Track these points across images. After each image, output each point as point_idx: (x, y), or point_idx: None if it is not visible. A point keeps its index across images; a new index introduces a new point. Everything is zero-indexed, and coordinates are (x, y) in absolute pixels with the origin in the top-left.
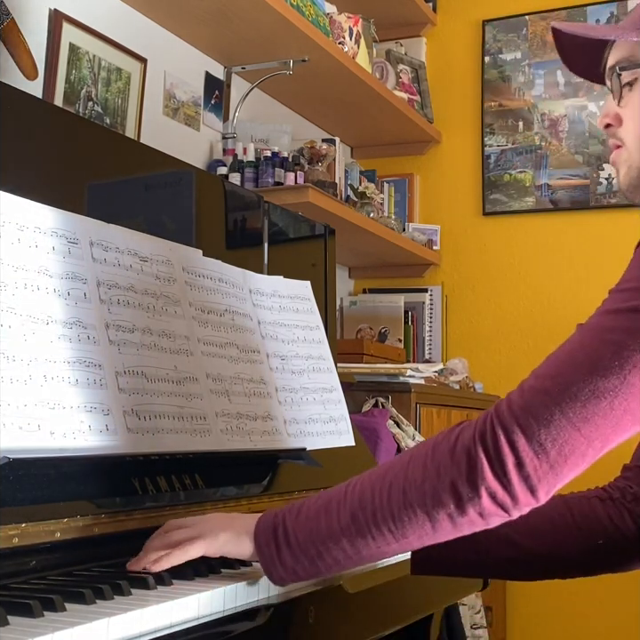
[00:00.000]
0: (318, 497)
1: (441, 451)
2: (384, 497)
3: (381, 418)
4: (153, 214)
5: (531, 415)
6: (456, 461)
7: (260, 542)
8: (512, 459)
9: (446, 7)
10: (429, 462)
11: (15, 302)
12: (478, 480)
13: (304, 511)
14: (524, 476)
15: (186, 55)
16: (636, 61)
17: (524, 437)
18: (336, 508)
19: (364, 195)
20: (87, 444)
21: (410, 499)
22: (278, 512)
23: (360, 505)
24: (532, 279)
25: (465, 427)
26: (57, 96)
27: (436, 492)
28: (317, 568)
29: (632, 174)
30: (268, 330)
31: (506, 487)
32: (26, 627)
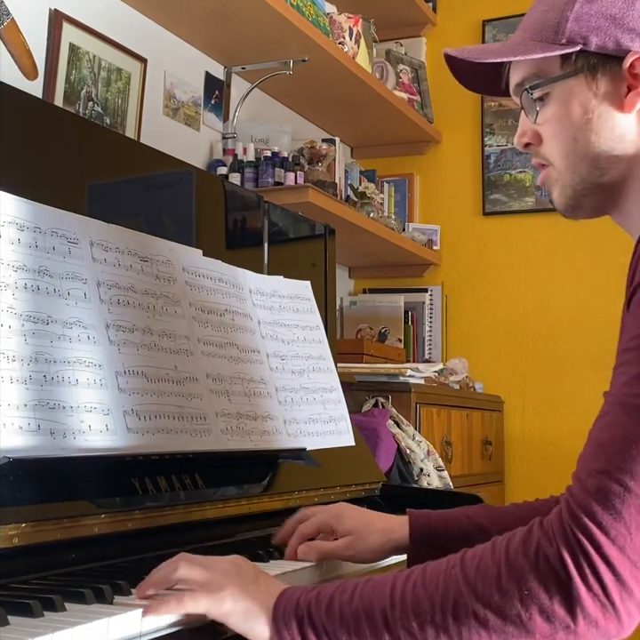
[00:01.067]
0: (352, 591)
1: (519, 569)
2: (448, 617)
3: (381, 418)
4: (153, 214)
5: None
6: (543, 585)
7: (283, 635)
8: (610, 576)
9: (446, 7)
10: (506, 583)
11: (15, 302)
12: (576, 607)
13: (336, 608)
14: (628, 592)
15: (186, 55)
16: (545, 76)
17: (615, 548)
18: (382, 618)
19: (364, 195)
20: (87, 444)
21: (485, 624)
22: (300, 598)
23: (417, 621)
24: (532, 279)
25: (542, 537)
26: (57, 96)
27: (520, 620)
28: None
29: (567, 194)
30: (267, 330)
31: (608, 612)
32: (26, 627)
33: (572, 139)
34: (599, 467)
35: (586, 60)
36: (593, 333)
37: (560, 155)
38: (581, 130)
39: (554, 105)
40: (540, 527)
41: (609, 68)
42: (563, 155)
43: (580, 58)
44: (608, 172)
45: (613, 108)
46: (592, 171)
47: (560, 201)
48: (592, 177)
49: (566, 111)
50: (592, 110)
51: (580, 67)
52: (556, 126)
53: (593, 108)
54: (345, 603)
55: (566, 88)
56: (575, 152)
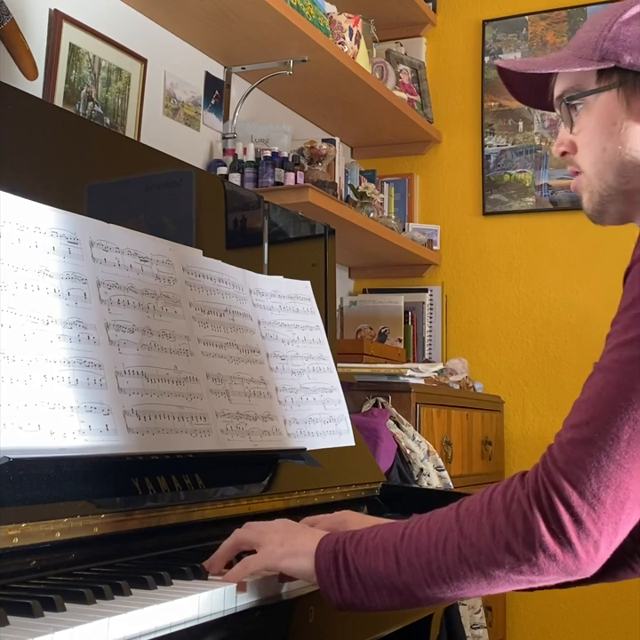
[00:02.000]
0: (377, 531)
1: (496, 509)
2: (439, 549)
3: (381, 418)
4: (153, 214)
5: (577, 467)
6: (511, 522)
7: (321, 567)
8: (568, 517)
9: (446, 7)
10: (485, 519)
11: (15, 302)
12: (535, 542)
13: (363, 543)
14: (585, 532)
15: (186, 55)
16: (582, 90)
17: (576, 492)
18: (393, 551)
19: (364, 195)
20: (87, 444)
21: (465, 555)
22: (339, 537)
23: (416, 552)
24: (532, 279)
25: (519, 483)
26: (57, 96)
27: (490, 552)
28: (374, 603)
29: (594, 199)
30: (267, 330)
31: (566, 547)
32: (26, 627)
33: (600, 148)
34: (573, 421)
35: (620, 76)
36: (593, 333)
37: (590, 163)
38: (609, 140)
39: (588, 116)
40: (521, 476)
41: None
42: (592, 163)
43: (614, 74)
44: (632, 180)
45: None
46: (618, 178)
47: (588, 206)
48: (617, 184)
49: (598, 123)
50: (620, 123)
51: (613, 82)
52: (588, 136)
53: (621, 122)
54: (370, 539)
55: (600, 101)
56: (603, 160)
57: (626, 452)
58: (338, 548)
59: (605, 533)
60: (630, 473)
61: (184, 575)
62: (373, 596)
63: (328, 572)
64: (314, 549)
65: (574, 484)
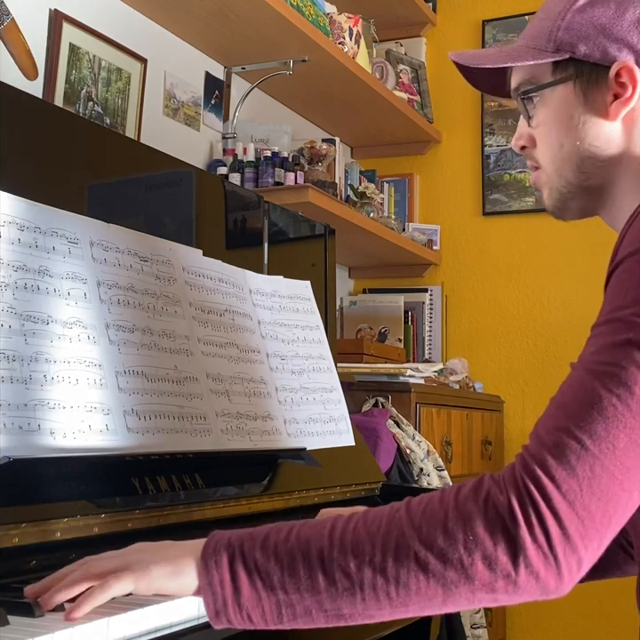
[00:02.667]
0: (287, 532)
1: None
2: (388, 559)
3: (381, 418)
4: (153, 214)
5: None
6: (489, 532)
7: (211, 574)
8: (556, 529)
9: (446, 7)
10: (453, 527)
11: (15, 302)
12: (519, 556)
13: (270, 546)
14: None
15: (186, 55)
16: (537, 82)
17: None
18: (318, 557)
19: (364, 195)
20: (87, 444)
21: (425, 568)
22: (231, 537)
23: (356, 562)
24: (532, 279)
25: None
26: (57, 96)
27: (461, 566)
28: (282, 617)
29: (554, 196)
30: (268, 330)
31: (550, 565)
32: (26, 627)
33: (558, 144)
34: (559, 424)
35: (575, 68)
36: None
37: (548, 158)
38: (567, 136)
39: (545, 110)
40: (492, 478)
41: (596, 77)
42: (550, 159)
43: (570, 66)
44: (593, 176)
45: (598, 116)
46: (577, 175)
47: (549, 203)
48: (577, 180)
49: (555, 117)
50: (578, 117)
51: (569, 74)
52: (546, 131)
53: (579, 115)
54: (281, 541)
55: (556, 94)
56: (561, 156)
57: (620, 462)
58: (232, 550)
59: (590, 550)
60: (622, 485)
61: None
62: (283, 608)
63: (221, 579)
64: (197, 556)
65: (564, 494)
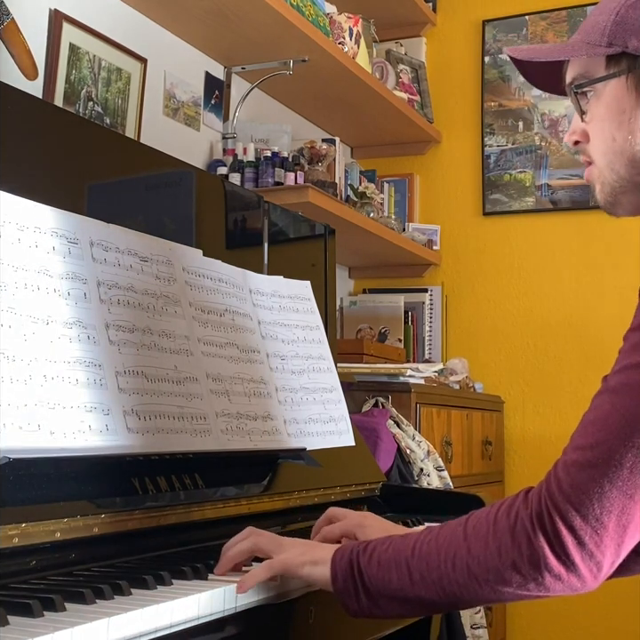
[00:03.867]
0: (389, 543)
1: (501, 529)
2: (449, 566)
3: (381, 418)
4: (153, 214)
5: (581, 492)
6: (517, 543)
7: (337, 577)
8: (571, 539)
9: (446, 7)
10: (491, 540)
11: (15, 302)
12: (540, 563)
13: (376, 556)
14: (588, 554)
15: (186, 55)
16: (591, 77)
17: (579, 516)
18: (405, 564)
19: (364, 195)
20: (87, 444)
21: (474, 573)
22: (353, 549)
23: (427, 568)
24: (532, 279)
25: (522, 503)
26: (57, 96)
27: (498, 571)
28: (389, 612)
29: (606, 191)
30: (268, 330)
31: (570, 568)
32: (26, 627)
33: (611, 138)
34: (579, 443)
35: (628, 62)
36: (593, 333)
37: (601, 153)
38: (619, 130)
39: (598, 105)
40: (525, 495)
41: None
42: (603, 153)
43: (623, 60)
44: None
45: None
46: (629, 169)
47: (600, 197)
48: (629, 175)
49: (608, 111)
50: (630, 111)
51: (622, 68)
52: (599, 125)
53: (630, 110)
54: (382, 552)
55: (608, 89)
56: (613, 150)
57: (628, 479)
58: (352, 558)
59: (608, 554)
60: (633, 498)
61: (184, 575)
62: (388, 605)
63: (345, 581)
64: (330, 557)
65: (577, 508)
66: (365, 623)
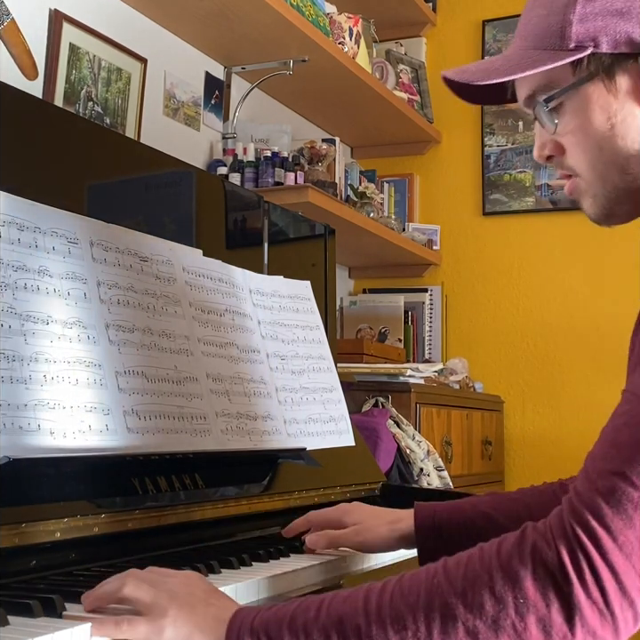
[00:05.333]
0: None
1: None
2: (433, 629)
3: (381, 418)
4: (153, 214)
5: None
6: (540, 591)
7: None
8: (613, 582)
9: (446, 7)
10: (499, 587)
11: (15, 302)
12: (574, 615)
13: (299, 625)
14: (628, 601)
15: (186, 55)
16: (558, 86)
17: (622, 555)
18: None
19: (364, 195)
20: (87, 444)
21: (472, 631)
22: (254, 620)
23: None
24: (531, 279)
25: (540, 538)
26: (57, 96)
27: (513, 629)
28: None
29: (598, 203)
30: (267, 330)
31: (607, 620)
32: (26, 627)
33: (597, 147)
34: (613, 467)
35: (598, 61)
36: (593, 333)
37: (587, 165)
38: (606, 137)
39: (572, 114)
40: (536, 529)
41: (625, 66)
42: (590, 165)
43: (592, 61)
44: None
45: (637, 105)
46: (623, 177)
47: (592, 211)
48: (624, 183)
49: (587, 119)
50: (615, 114)
51: (593, 70)
52: (579, 136)
53: (615, 112)
54: (310, 620)
55: (583, 95)
56: (602, 161)
57: None
58: (257, 634)
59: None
60: None
61: None
62: None
63: None
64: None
65: (621, 546)
66: None
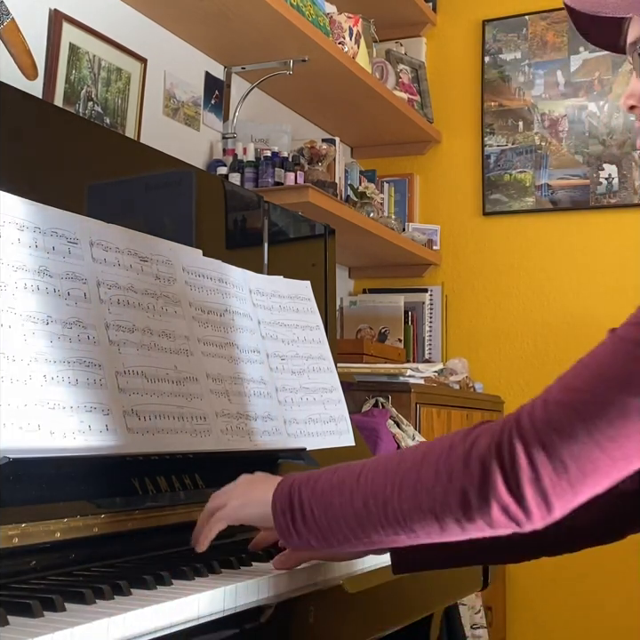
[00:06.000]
0: (335, 471)
1: (455, 455)
2: (395, 492)
3: (381, 418)
4: (153, 214)
5: (554, 430)
6: (469, 470)
7: (277, 510)
8: (528, 473)
9: (446, 7)
10: (442, 465)
11: (15, 302)
12: (490, 492)
13: (320, 485)
14: (541, 491)
15: (186, 55)
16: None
17: (544, 453)
18: (349, 490)
19: (364, 195)
20: (87, 444)
21: (420, 499)
22: (296, 479)
23: (372, 494)
24: (531, 279)
25: (483, 432)
26: (57, 96)
27: (445, 498)
28: (330, 542)
29: None
30: (268, 330)
31: (519, 501)
32: (26, 627)
33: None
34: (568, 383)
35: None
36: (593, 333)
37: None
38: None
39: None
40: (486, 424)
41: None
42: None
43: None
44: None
45: None
46: None
47: None
48: None
49: None
50: None
51: None
52: None
53: None
54: (326, 480)
55: None
56: None
57: (606, 431)
58: (293, 490)
59: (563, 500)
60: (604, 451)
61: (184, 575)
62: (328, 535)
63: (284, 514)
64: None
65: (546, 445)
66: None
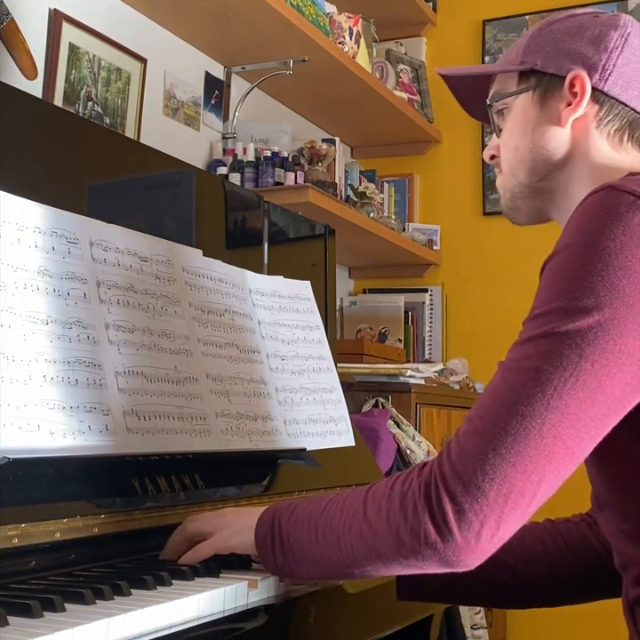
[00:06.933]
0: (308, 503)
1: (394, 495)
2: (346, 527)
3: (381, 418)
4: (153, 214)
5: (466, 459)
6: (403, 510)
7: (259, 536)
8: (451, 507)
9: (446, 7)
10: (384, 504)
11: (15, 302)
12: (420, 531)
13: (295, 514)
14: (466, 523)
15: (186, 55)
16: (504, 92)
17: (461, 484)
18: (314, 523)
19: (364, 195)
20: (87, 444)
21: (365, 536)
22: (278, 507)
23: (330, 527)
24: (532, 279)
25: (416, 472)
26: (57, 96)
27: (384, 536)
28: (301, 572)
29: (507, 196)
30: (267, 330)
31: (446, 538)
32: (26, 627)
33: (514, 147)
34: (470, 415)
35: (536, 79)
36: None
37: (505, 161)
38: (522, 139)
39: (508, 118)
40: (422, 465)
41: (553, 87)
42: (507, 161)
43: (532, 77)
44: (545, 178)
45: (551, 123)
46: (529, 176)
47: (503, 203)
48: (529, 181)
49: (514, 122)
50: (533, 122)
51: (530, 85)
52: (507, 136)
53: (534, 121)
54: (301, 510)
55: (517, 103)
56: (515, 158)
57: (511, 447)
58: (275, 517)
59: (487, 526)
60: (515, 467)
61: (184, 575)
62: (299, 565)
63: (264, 539)
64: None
65: (460, 476)
66: (365, 623)
